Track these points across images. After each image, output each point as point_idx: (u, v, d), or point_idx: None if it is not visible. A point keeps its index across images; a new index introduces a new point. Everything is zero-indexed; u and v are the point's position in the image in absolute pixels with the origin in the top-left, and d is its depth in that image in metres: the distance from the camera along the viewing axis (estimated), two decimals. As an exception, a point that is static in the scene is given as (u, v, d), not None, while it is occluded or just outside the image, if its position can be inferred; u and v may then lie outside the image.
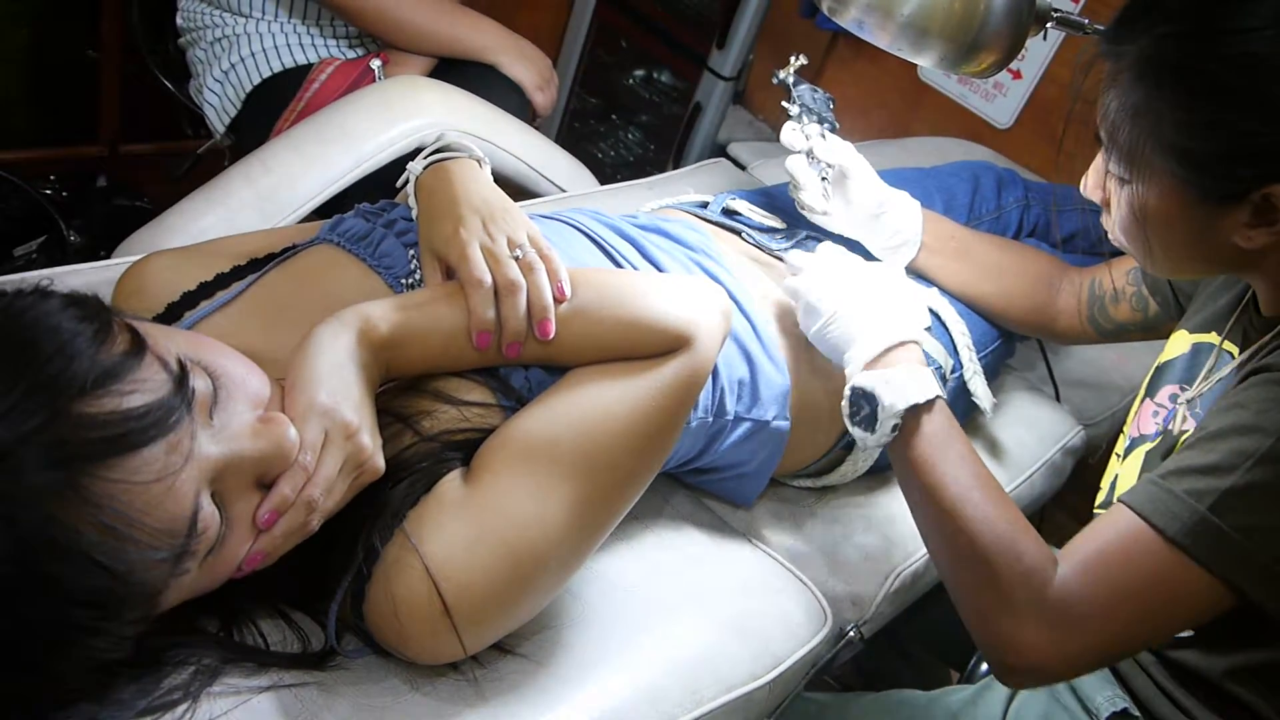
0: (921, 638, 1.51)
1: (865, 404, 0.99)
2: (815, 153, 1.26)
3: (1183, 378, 1.01)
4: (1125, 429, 1.07)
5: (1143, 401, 1.05)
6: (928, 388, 0.97)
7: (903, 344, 1.02)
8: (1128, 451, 1.03)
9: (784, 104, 1.29)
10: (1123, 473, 1.02)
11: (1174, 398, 1.00)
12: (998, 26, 1.10)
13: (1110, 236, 0.95)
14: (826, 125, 1.28)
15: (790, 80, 1.29)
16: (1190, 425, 0.95)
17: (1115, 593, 0.84)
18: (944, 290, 1.33)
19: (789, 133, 1.27)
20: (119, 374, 0.63)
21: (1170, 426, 0.98)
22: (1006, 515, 0.89)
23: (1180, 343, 1.05)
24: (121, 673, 0.69)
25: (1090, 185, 0.97)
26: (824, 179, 1.27)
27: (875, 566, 1.17)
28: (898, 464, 0.99)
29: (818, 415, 1.14)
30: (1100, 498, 1.05)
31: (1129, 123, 0.85)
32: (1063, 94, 2.11)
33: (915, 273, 1.33)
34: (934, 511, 0.93)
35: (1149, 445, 1.00)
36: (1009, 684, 0.93)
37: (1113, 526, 0.86)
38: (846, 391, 1.01)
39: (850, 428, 1.01)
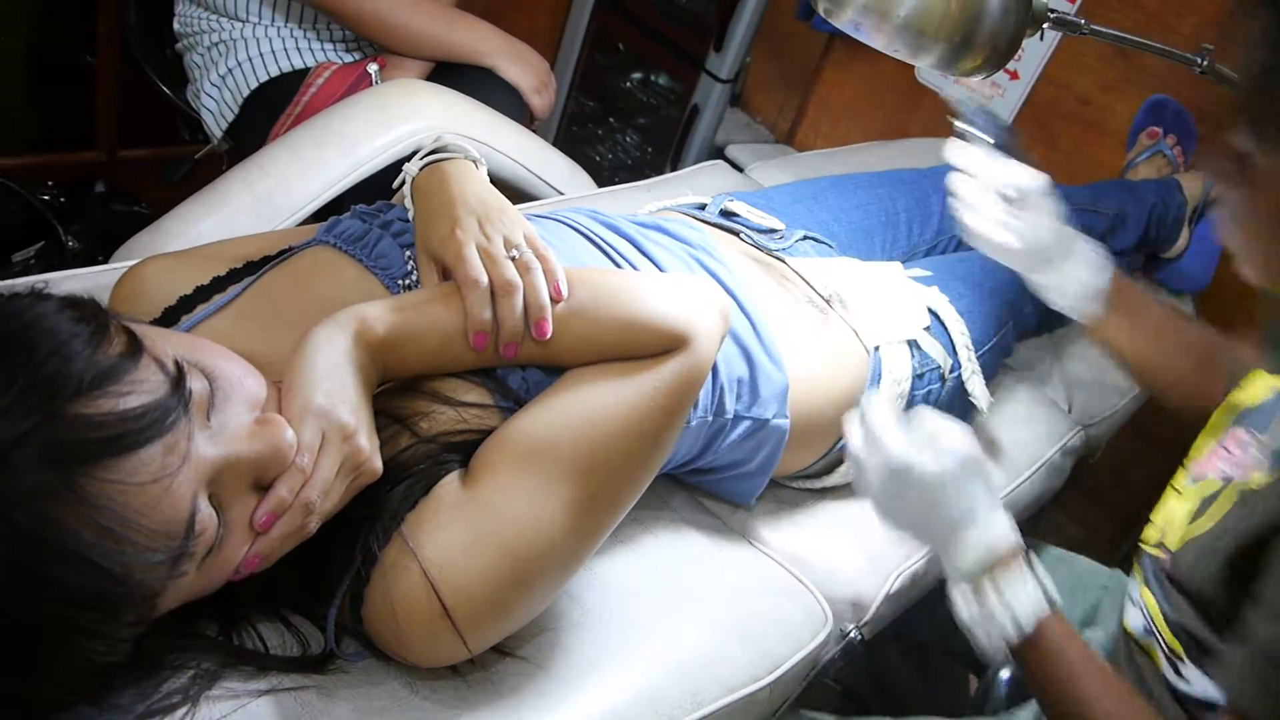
0: (933, 637, 1.49)
1: (977, 607, 0.91)
2: (988, 173, 1.15)
3: (1258, 424, 0.92)
4: (1186, 463, 0.99)
5: (1211, 438, 0.97)
6: (1032, 606, 0.88)
7: (1004, 564, 0.91)
8: (1186, 488, 0.96)
9: (951, 119, 1.21)
10: (1176, 512, 0.94)
11: (1244, 444, 0.91)
12: (994, 27, 1.10)
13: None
14: (998, 144, 1.18)
15: (963, 101, 1.22)
16: (1260, 475, 0.86)
17: None
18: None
19: (954, 150, 1.18)
20: (116, 375, 0.63)
21: (1236, 475, 0.89)
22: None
23: (1260, 386, 0.96)
24: (120, 676, 0.69)
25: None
26: (1006, 201, 1.15)
27: (875, 568, 1.17)
28: (1018, 667, 0.93)
29: (818, 414, 1.14)
30: (1155, 534, 0.97)
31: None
32: (1060, 95, 2.12)
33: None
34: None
35: (1209, 490, 0.91)
36: None
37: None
38: (954, 592, 0.94)
39: (967, 623, 0.93)
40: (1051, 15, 1.15)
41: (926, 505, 0.92)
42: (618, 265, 1.04)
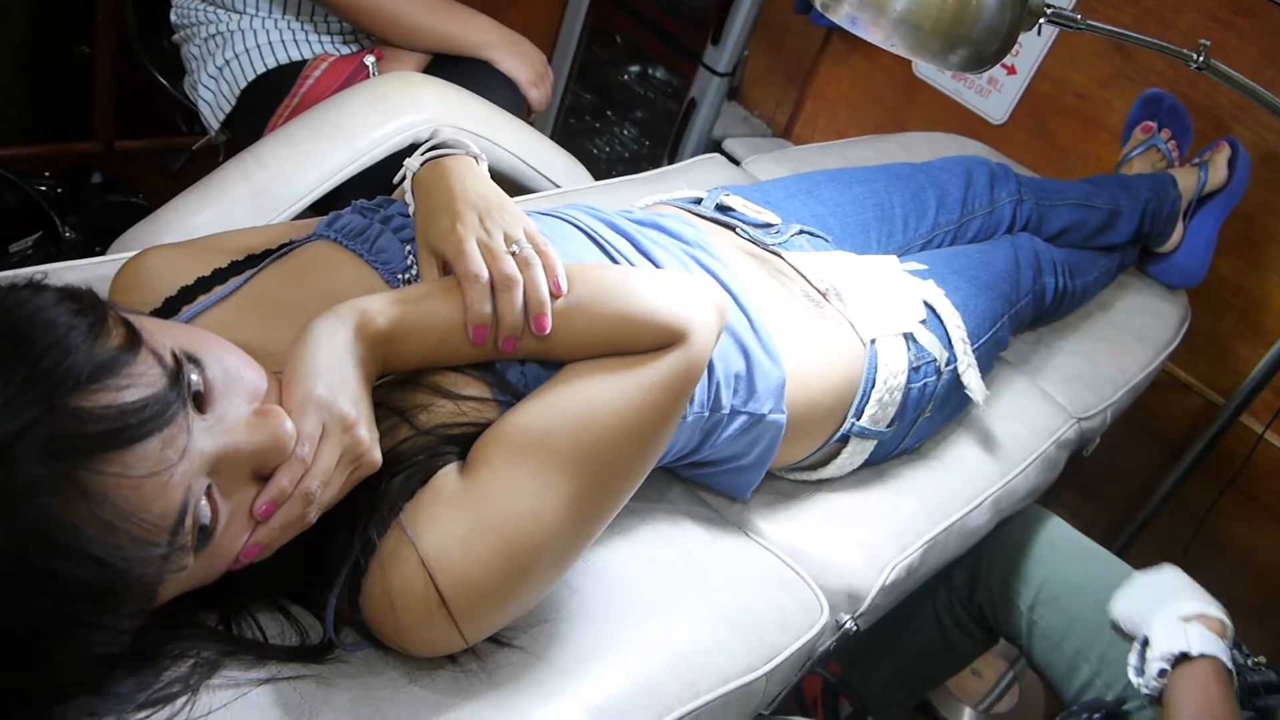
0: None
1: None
2: None
3: None
4: None
5: None
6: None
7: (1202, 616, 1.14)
8: None
9: None
10: None
11: None
12: (991, 22, 1.10)
13: None
14: None
15: None
16: None
17: None
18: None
19: None
20: (114, 368, 0.63)
21: None
22: None
23: None
24: (120, 666, 0.69)
25: None
26: None
27: (871, 559, 1.18)
28: None
29: (814, 408, 1.15)
30: None
31: None
32: (1057, 90, 2.12)
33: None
34: None
35: None
36: None
37: None
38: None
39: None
40: (1048, 10, 1.16)
41: None
42: (615, 261, 1.04)
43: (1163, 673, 1.15)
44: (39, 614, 0.61)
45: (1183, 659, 1.15)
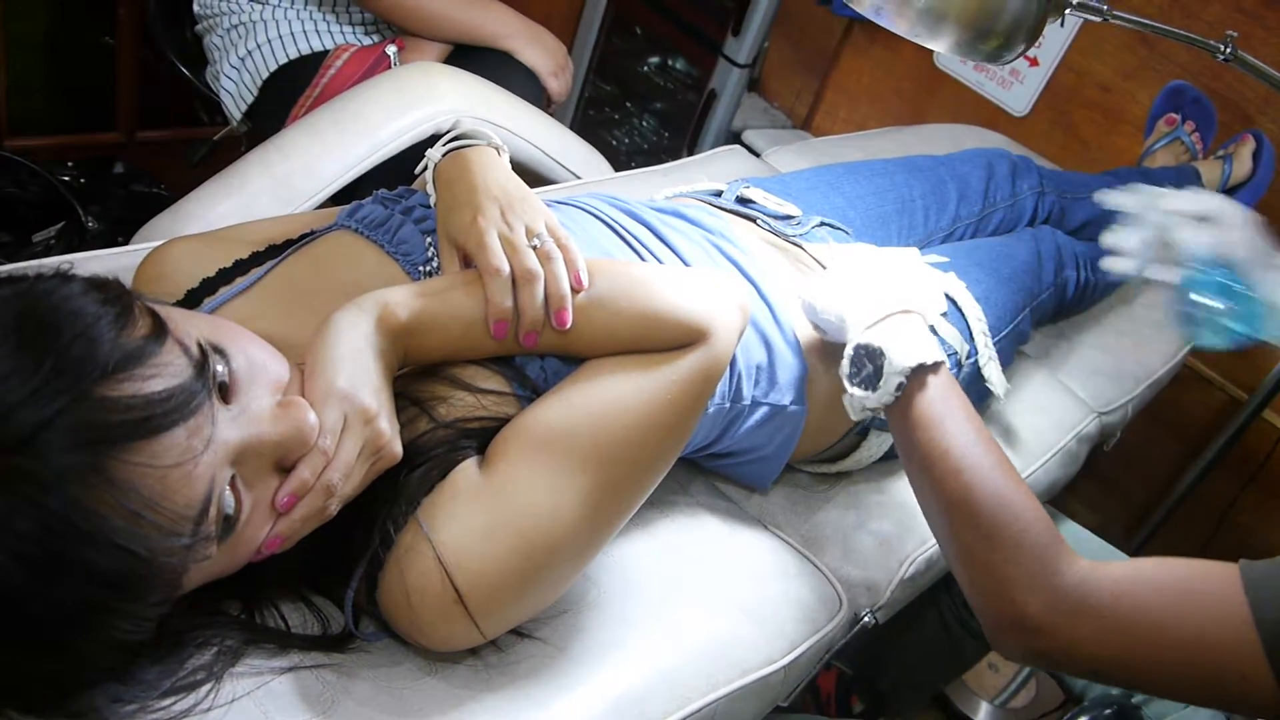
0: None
1: (868, 362, 0.98)
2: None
3: None
4: None
5: None
6: (934, 350, 0.97)
7: (906, 312, 1.02)
8: None
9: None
10: None
11: None
12: (1017, 12, 1.10)
13: None
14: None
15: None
16: None
17: (1152, 614, 0.77)
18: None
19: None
20: (141, 358, 0.64)
21: None
22: (1015, 476, 0.87)
23: None
24: (145, 653, 0.69)
25: None
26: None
27: (889, 552, 1.18)
28: (898, 426, 0.97)
29: (834, 399, 1.14)
30: None
31: None
32: (1080, 81, 2.11)
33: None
34: (938, 473, 0.90)
35: None
36: (1002, 647, 0.88)
37: (1207, 567, 0.79)
38: (848, 351, 1.01)
39: (849, 388, 1.01)
40: (1074, 1, 1.15)
41: None
42: (637, 253, 1.04)
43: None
44: (65, 602, 0.61)
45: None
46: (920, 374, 0.96)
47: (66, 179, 1.98)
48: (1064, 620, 0.81)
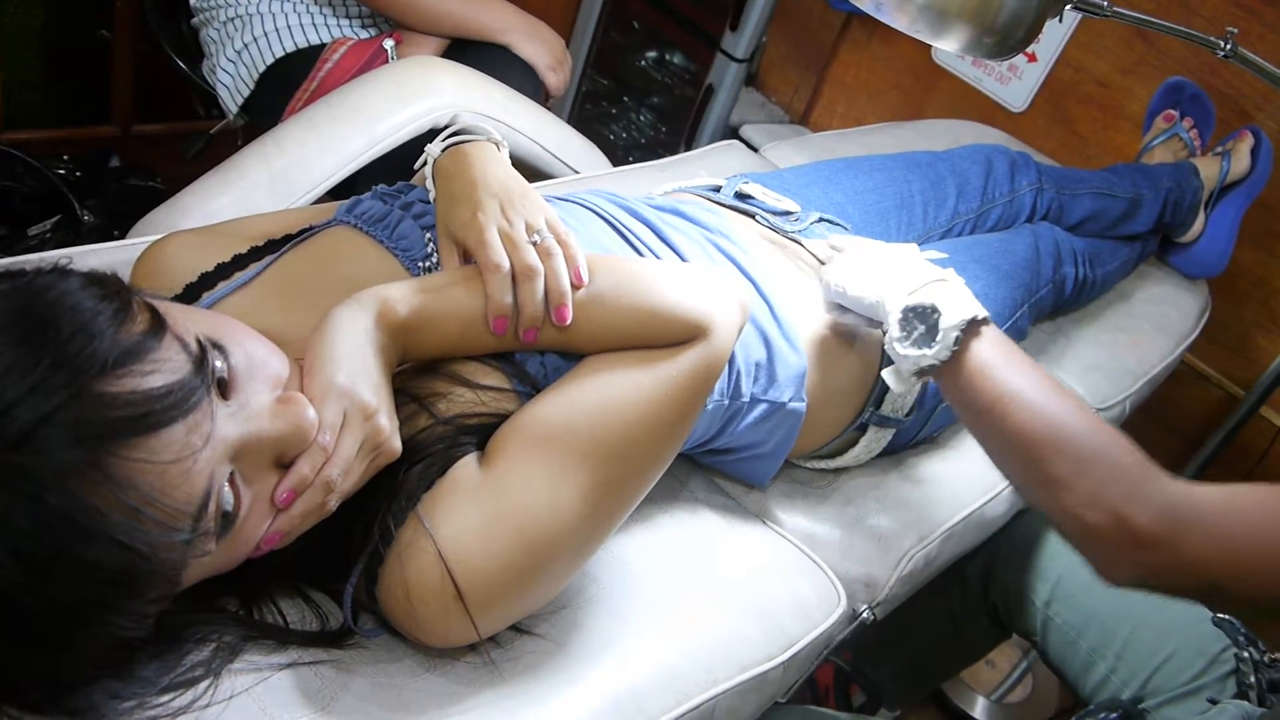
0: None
1: (919, 322, 1.00)
2: None
3: None
4: None
5: None
6: (980, 306, 0.99)
7: (941, 280, 1.04)
8: None
9: None
10: None
11: None
12: (1017, 9, 1.09)
13: None
14: None
15: None
16: None
17: (1256, 522, 0.80)
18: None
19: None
20: (139, 353, 0.63)
21: None
22: (1087, 406, 0.88)
23: None
24: (144, 650, 0.69)
25: None
26: None
27: (888, 548, 1.18)
28: (956, 382, 0.99)
29: (833, 396, 1.15)
30: None
31: None
32: (1078, 77, 2.11)
33: None
34: (1015, 412, 0.92)
35: None
36: (1114, 570, 0.87)
37: None
38: (895, 316, 1.03)
39: (901, 351, 1.02)
40: (1074, -3, 1.15)
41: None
42: (637, 250, 1.04)
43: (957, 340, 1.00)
44: (64, 599, 0.61)
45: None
46: (974, 325, 0.99)
47: (62, 172, 1.98)
48: (1174, 530, 0.82)
